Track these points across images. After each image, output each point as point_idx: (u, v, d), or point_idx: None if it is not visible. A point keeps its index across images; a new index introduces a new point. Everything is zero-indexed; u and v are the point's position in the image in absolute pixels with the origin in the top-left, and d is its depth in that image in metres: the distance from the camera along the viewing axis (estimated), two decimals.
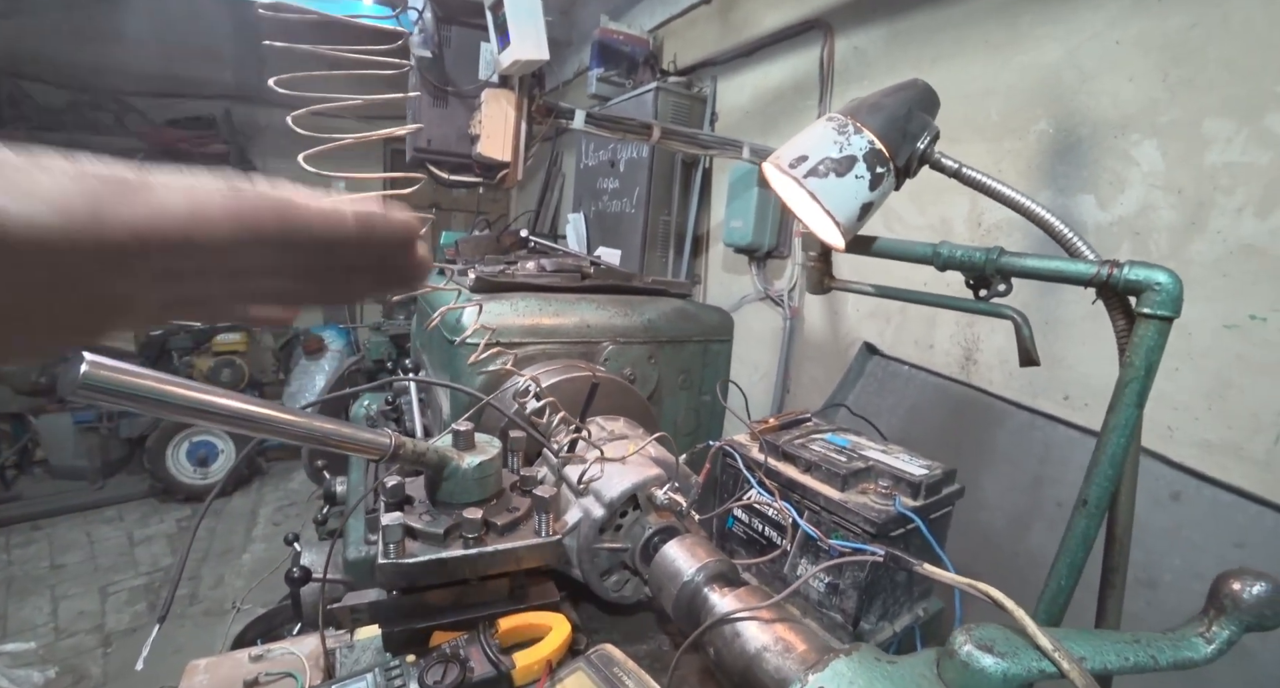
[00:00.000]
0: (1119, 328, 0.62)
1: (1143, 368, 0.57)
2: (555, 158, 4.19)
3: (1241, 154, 1.21)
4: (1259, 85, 1.18)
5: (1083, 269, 0.61)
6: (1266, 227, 1.18)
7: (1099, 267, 0.59)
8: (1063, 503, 1.42)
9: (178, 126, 4.48)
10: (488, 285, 1.25)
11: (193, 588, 2.74)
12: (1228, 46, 1.21)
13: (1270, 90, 1.16)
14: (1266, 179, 1.17)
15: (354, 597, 0.59)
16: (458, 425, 0.65)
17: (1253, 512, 1.15)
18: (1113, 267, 0.58)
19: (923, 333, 1.84)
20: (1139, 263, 0.58)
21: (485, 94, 1.43)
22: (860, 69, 2.01)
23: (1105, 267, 0.59)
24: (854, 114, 0.68)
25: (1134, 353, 0.57)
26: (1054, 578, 0.64)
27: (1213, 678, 0.99)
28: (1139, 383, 0.57)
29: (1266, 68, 1.16)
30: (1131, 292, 0.58)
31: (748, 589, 0.60)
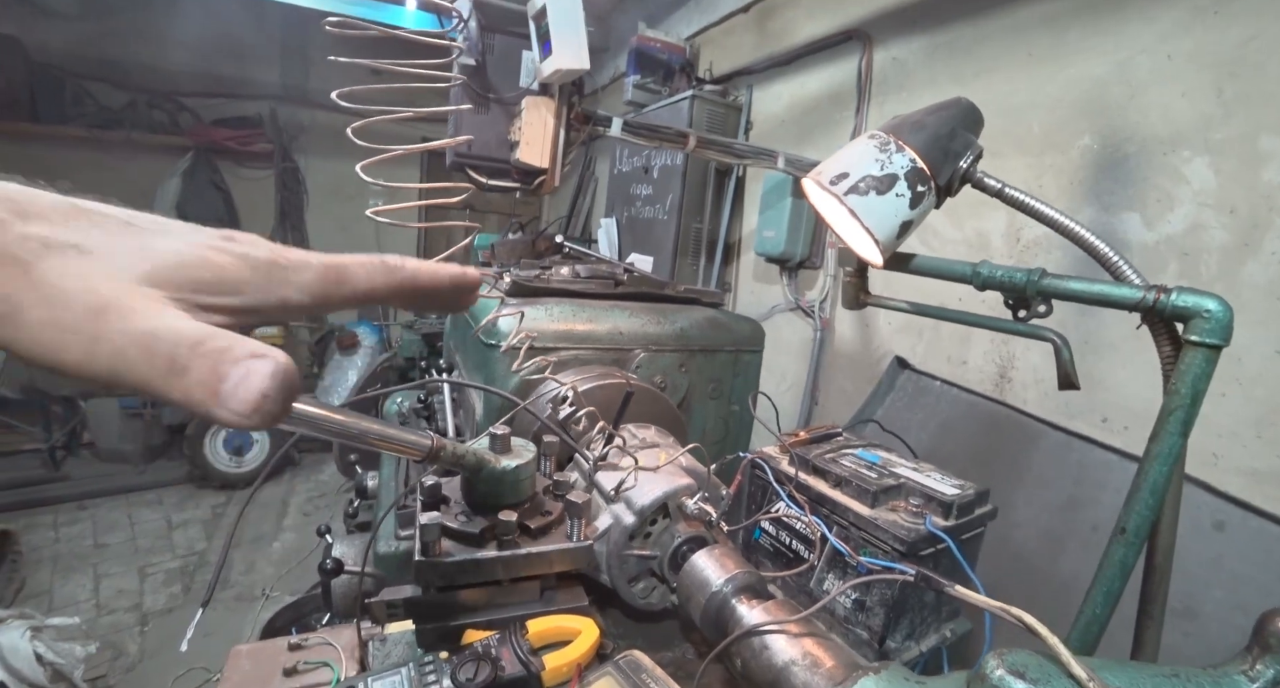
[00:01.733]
0: (1164, 354, 0.61)
1: (1189, 397, 0.56)
2: (589, 162, 4.24)
3: None
4: None
5: (1128, 294, 0.60)
6: None
7: (1145, 291, 0.58)
8: (1098, 527, 1.38)
9: (225, 126, 4.65)
10: (523, 290, 1.27)
11: (225, 573, 2.83)
12: None
13: None
14: None
15: (390, 592, 0.61)
16: (495, 429, 0.67)
17: None
18: (1160, 292, 0.57)
19: (956, 349, 1.82)
20: (1187, 289, 0.57)
21: (526, 101, 1.46)
22: (899, 80, 1.99)
23: (1152, 292, 0.58)
24: (896, 132, 0.68)
25: (1180, 381, 0.56)
26: (1089, 606, 0.63)
27: None
28: (1184, 412, 0.56)
29: None
30: (1179, 318, 0.57)
31: (776, 602, 0.61)
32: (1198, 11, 1.30)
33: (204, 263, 0.29)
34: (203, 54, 4.46)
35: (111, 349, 0.24)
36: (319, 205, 5.06)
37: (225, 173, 4.68)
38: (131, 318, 0.25)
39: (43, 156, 4.12)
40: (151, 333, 0.25)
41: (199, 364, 0.24)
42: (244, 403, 0.24)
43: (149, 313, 0.25)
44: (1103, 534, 1.39)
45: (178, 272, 0.27)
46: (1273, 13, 1.20)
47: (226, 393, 0.24)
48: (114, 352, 0.24)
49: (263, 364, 0.25)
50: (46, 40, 4.06)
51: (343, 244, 5.12)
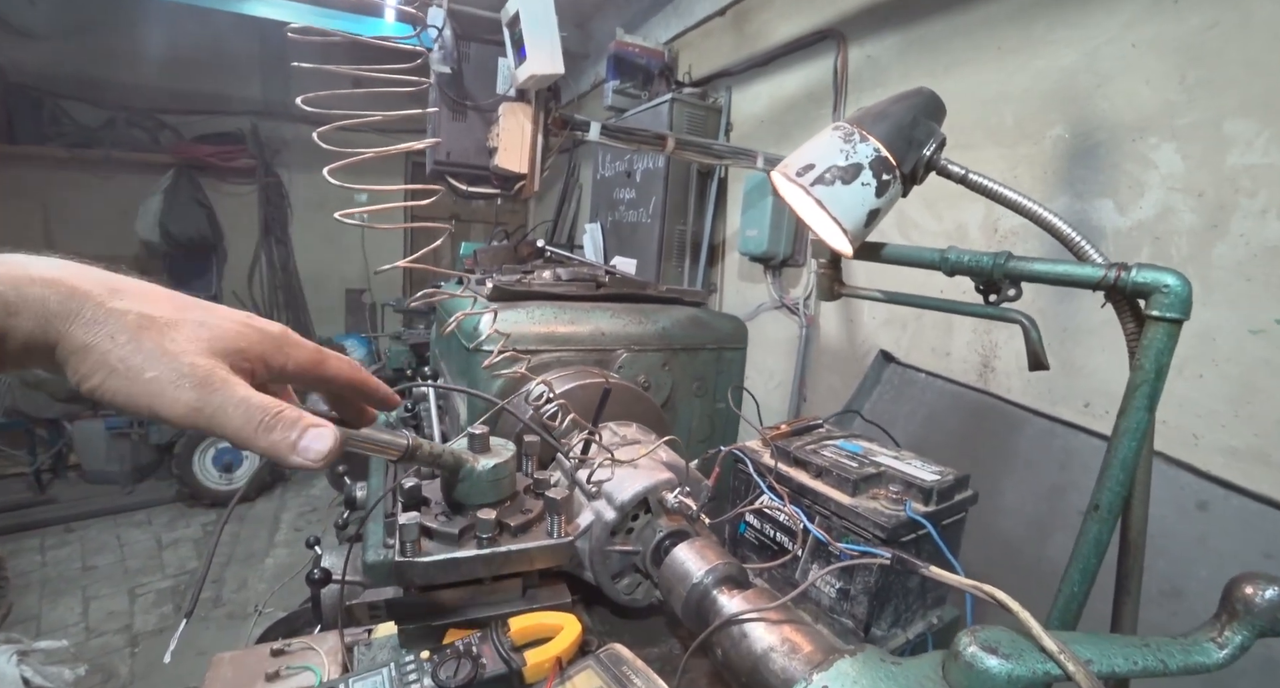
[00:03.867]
0: (1128, 331, 0.62)
1: (1153, 371, 0.57)
2: (572, 169, 4.25)
3: (1263, 156, 1.19)
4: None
5: (1090, 272, 0.61)
6: None
7: (1106, 270, 0.59)
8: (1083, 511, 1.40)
9: (206, 142, 4.62)
10: (504, 294, 1.28)
11: (216, 591, 2.80)
12: (1249, 46, 1.20)
13: None
14: None
15: (372, 594, 0.61)
16: (473, 429, 0.67)
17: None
18: (1120, 269, 0.58)
19: (939, 340, 1.83)
20: (1147, 266, 0.58)
21: (503, 108, 1.47)
22: (874, 76, 2.01)
23: (1113, 270, 0.59)
24: (860, 122, 0.69)
25: (1144, 356, 0.57)
26: (1066, 584, 0.64)
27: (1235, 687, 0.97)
28: (1149, 386, 0.57)
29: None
30: (1140, 295, 0.58)
31: (756, 591, 0.61)
32: (1157, 0, 1.33)
33: (241, 337, 0.38)
34: (182, 71, 4.44)
35: (216, 408, 0.34)
36: (303, 219, 5.04)
37: (208, 189, 4.65)
38: (228, 386, 0.35)
39: (21, 177, 4.08)
40: (246, 400, 0.35)
41: (281, 426, 0.36)
42: (317, 454, 0.37)
43: (235, 382, 0.36)
44: None
45: (228, 344, 0.37)
46: (1230, 1, 1.23)
47: (302, 448, 0.37)
48: (218, 410, 0.35)
49: (326, 432, 0.38)
50: (21, 60, 4.03)
51: (327, 256, 5.10)
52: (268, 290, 4.99)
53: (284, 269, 5.00)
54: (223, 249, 4.78)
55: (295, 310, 5.07)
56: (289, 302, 5.05)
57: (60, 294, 0.32)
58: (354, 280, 5.25)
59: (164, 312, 0.35)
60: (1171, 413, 1.30)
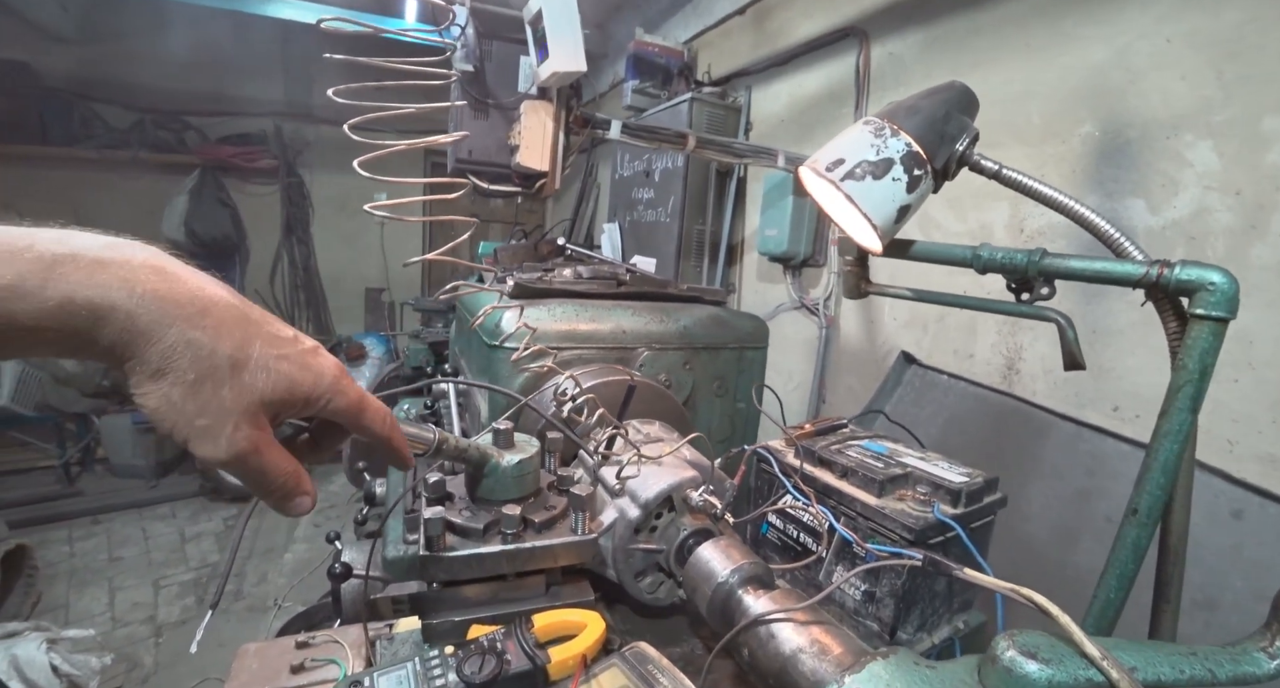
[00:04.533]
0: (1170, 330, 0.60)
1: (1197, 371, 0.55)
2: (590, 169, 4.25)
3: None
4: None
5: (1131, 270, 0.59)
6: None
7: (1148, 267, 0.58)
8: (1112, 518, 1.36)
9: (230, 143, 4.71)
10: (526, 291, 1.28)
11: (237, 584, 2.84)
12: None
13: None
14: None
15: (396, 588, 0.61)
16: (498, 424, 0.67)
17: None
18: (1163, 267, 0.57)
19: (962, 342, 1.80)
20: (1191, 262, 0.56)
21: (524, 106, 1.47)
22: (896, 75, 1.99)
23: (1155, 267, 0.57)
24: (891, 117, 0.67)
25: (1187, 356, 0.55)
26: (1103, 589, 0.62)
27: None
28: (1193, 387, 0.55)
29: None
30: (1183, 292, 0.57)
31: (783, 592, 0.60)
32: None
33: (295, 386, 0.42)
34: (207, 73, 4.52)
35: (242, 471, 0.40)
36: (324, 219, 5.10)
37: (231, 189, 4.73)
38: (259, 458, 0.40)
39: (53, 178, 4.19)
40: (267, 471, 0.41)
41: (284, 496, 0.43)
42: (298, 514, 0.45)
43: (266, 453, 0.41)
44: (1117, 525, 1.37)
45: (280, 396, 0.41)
46: None
47: (289, 508, 0.44)
48: (242, 473, 0.40)
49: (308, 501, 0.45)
50: (55, 65, 4.13)
51: (347, 255, 5.17)
52: (289, 289, 5.07)
53: (305, 268, 5.07)
54: (246, 248, 4.86)
55: (316, 309, 5.14)
56: (310, 300, 5.12)
57: (151, 314, 0.35)
58: (373, 279, 5.30)
59: (234, 347, 0.38)
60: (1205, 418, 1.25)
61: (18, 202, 0.68)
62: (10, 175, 4.05)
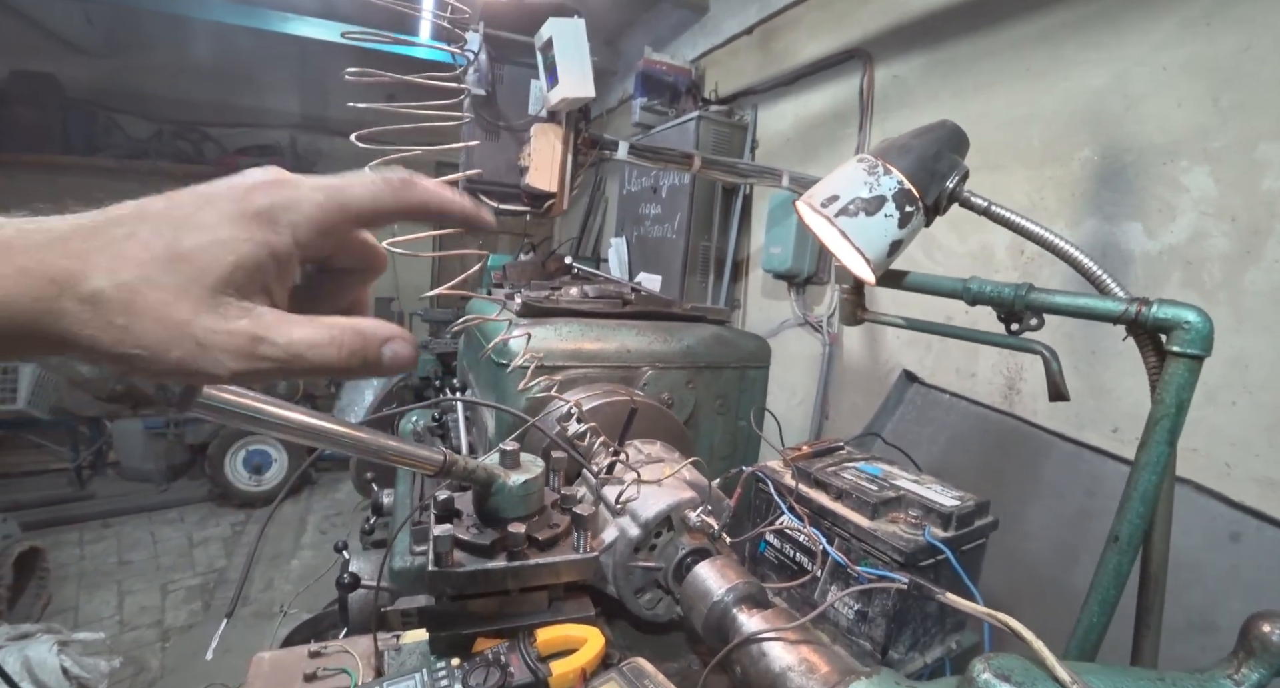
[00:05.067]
0: (1150, 364, 0.62)
1: (1173, 406, 0.57)
2: (598, 183, 4.31)
3: None
4: None
5: (1111, 307, 0.61)
6: None
7: (1127, 304, 0.60)
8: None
9: (247, 154, 4.80)
10: (533, 310, 1.31)
11: (244, 590, 2.87)
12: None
13: None
14: None
15: (405, 602, 0.64)
16: (505, 445, 0.70)
17: None
18: (1141, 305, 0.59)
19: (964, 362, 1.82)
20: (1167, 301, 0.58)
21: (534, 128, 1.51)
22: (900, 96, 2.02)
23: (1134, 304, 0.60)
24: (884, 155, 0.71)
25: (1164, 391, 0.58)
26: (1086, 615, 0.64)
27: None
28: (1169, 420, 0.58)
29: None
30: (1161, 329, 0.59)
31: (775, 611, 0.63)
32: (1190, 23, 1.32)
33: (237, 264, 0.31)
34: (225, 85, 4.63)
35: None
36: None
37: None
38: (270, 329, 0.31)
39: (73, 186, 4.29)
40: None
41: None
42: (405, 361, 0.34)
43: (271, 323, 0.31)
44: None
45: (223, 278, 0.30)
46: (1264, 22, 1.22)
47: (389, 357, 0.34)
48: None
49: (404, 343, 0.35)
50: (78, 76, 4.25)
51: None
52: None
53: None
54: None
55: None
56: None
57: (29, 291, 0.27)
58: (383, 289, 5.38)
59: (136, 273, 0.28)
60: (1203, 441, 1.28)
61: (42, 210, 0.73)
62: (33, 182, 4.16)
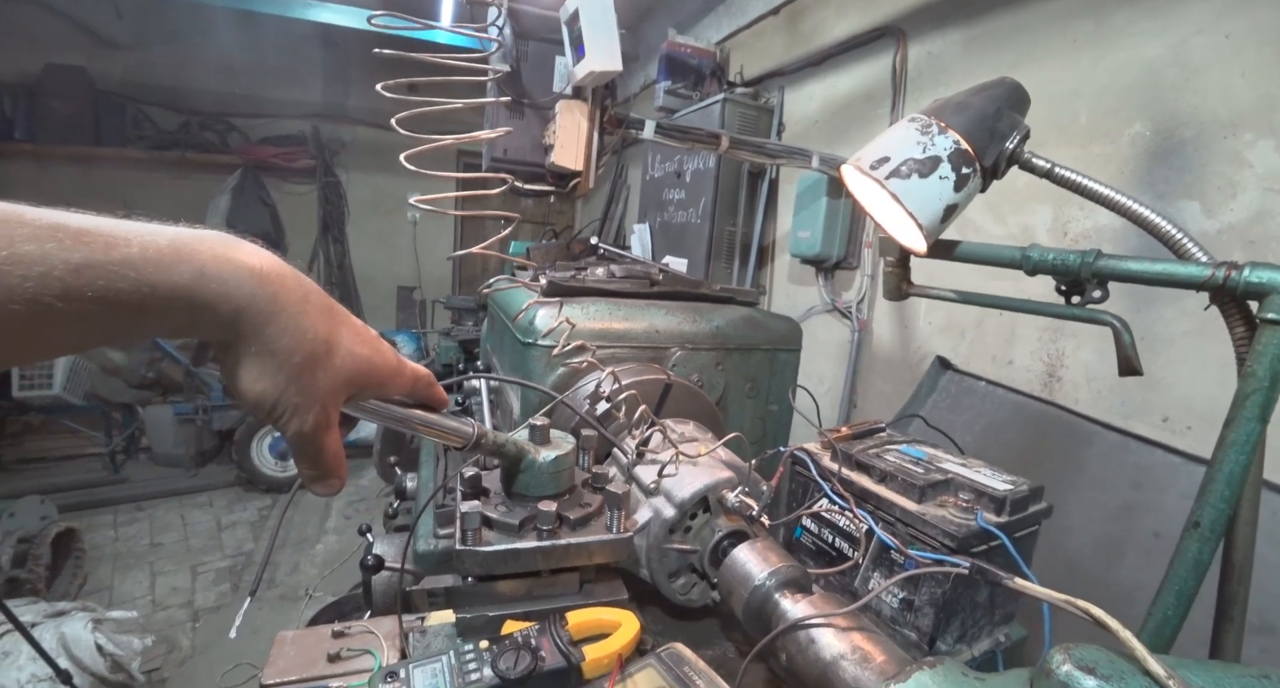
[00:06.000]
0: (1237, 336, 0.57)
1: (1267, 379, 0.52)
2: (621, 170, 4.27)
3: None
4: None
5: (1195, 272, 0.56)
6: None
7: (1214, 269, 0.55)
8: (1160, 534, 1.31)
9: (271, 143, 4.84)
10: (559, 289, 1.28)
11: (270, 573, 2.91)
12: None
13: None
14: None
15: (431, 581, 0.62)
16: (535, 420, 0.67)
17: None
18: (1230, 268, 0.54)
19: (1001, 348, 1.75)
20: (1262, 264, 0.53)
21: (560, 105, 1.48)
22: (935, 75, 1.95)
23: (1221, 269, 0.54)
24: (938, 114, 0.66)
25: (1256, 363, 0.53)
26: (1159, 606, 0.59)
27: None
28: (1262, 395, 0.52)
29: None
30: (1252, 296, 0.54)
31: (821, 596, 0.59)
32: None
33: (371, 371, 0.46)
34: (249, 76, 4.67)
35: (302, 446, 0.43)
36: (359, 218, 5.22)
37: (271, 188, 4.87)
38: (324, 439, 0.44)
39: (105, 177, 4.37)
40: (322, 453, 0.44)
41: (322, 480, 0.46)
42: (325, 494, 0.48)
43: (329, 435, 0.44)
44: (1166, 541, 1.31)
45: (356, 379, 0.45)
46: None
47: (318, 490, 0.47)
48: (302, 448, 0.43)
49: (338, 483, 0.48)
50: (108, 69, 4.31)
51: (381, 254, 5.27)
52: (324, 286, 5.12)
53: (340, 266, 5.19)
54: (284, 246, 4.99)
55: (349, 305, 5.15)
56: (344, 297, 5.24)
57: (266, 295, 0.37)
58: (405, 278, 5.41)
59: (327, 332, 0.41)
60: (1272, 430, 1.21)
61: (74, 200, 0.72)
62: (66, 174, 4.24)
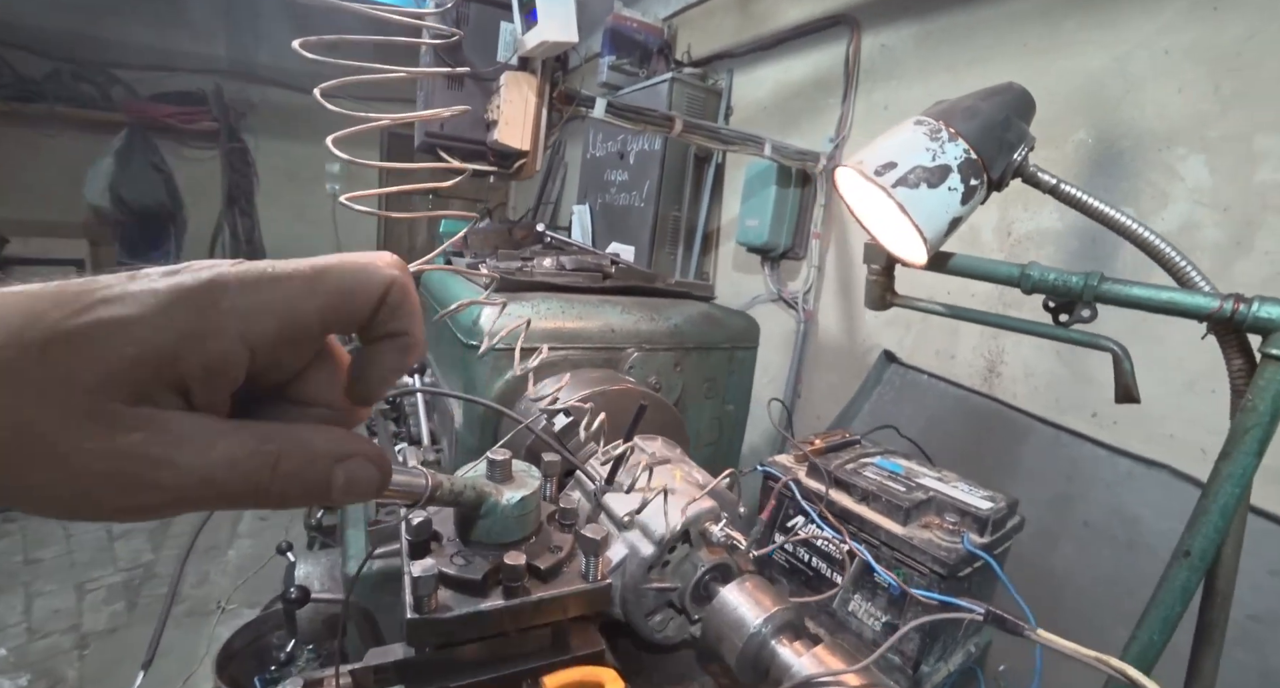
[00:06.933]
0: (1234, 368, 0.56)
1: (1267, 414, 0.51)
2: (558, 147, 4.09)
3: None
4: None
5: (1203, 303, 0.55)
6: None
7: (1221, 301, 0.53)
8: (1089, 523, 1.38)
9: (165, 101, 4.31)
10: (506, 284, 1.18)
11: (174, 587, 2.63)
12: None
13: None
14: None
15: (377, 655, 0.52)
16: (493, 454, 0.57)
17: None
18: (1238, 302, 0.53)
19: (944, 343, 1.79)
20: (1269, 299, 0.52)
21: (505, 77, 1.35)
22: (888, 68, 1.94)
23: (1229, 301, 0.53)
24: (947, 119, 0.61)
25: (1258, 398, 0.52)
26: (1144, 631, 0.59)
27: None
28: (1261, 430, 0.52)
29: None
30: (1256, 330, 0.53)
31: (826, 646, 0.54)
32: (1197, 6, 1.28)
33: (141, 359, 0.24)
34: (137, 22, 4.11)
35: None
36: (271, 189, 4.76)
37: (166, 153, 4.34)
38: None
39: None
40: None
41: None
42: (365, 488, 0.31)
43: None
44: (1094, 530, 1.38)
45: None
46: (1272, 10, 1.19)
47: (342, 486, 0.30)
48: None
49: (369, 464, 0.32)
50: None
51: (297, 229, 4.85)
52: None
53: (249, 242, 4.73)
54: (182, 218, 4.49)
55: None
56: None
57: None
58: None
59: None
60: (1180, 428, 1.29)
61: None
62: None
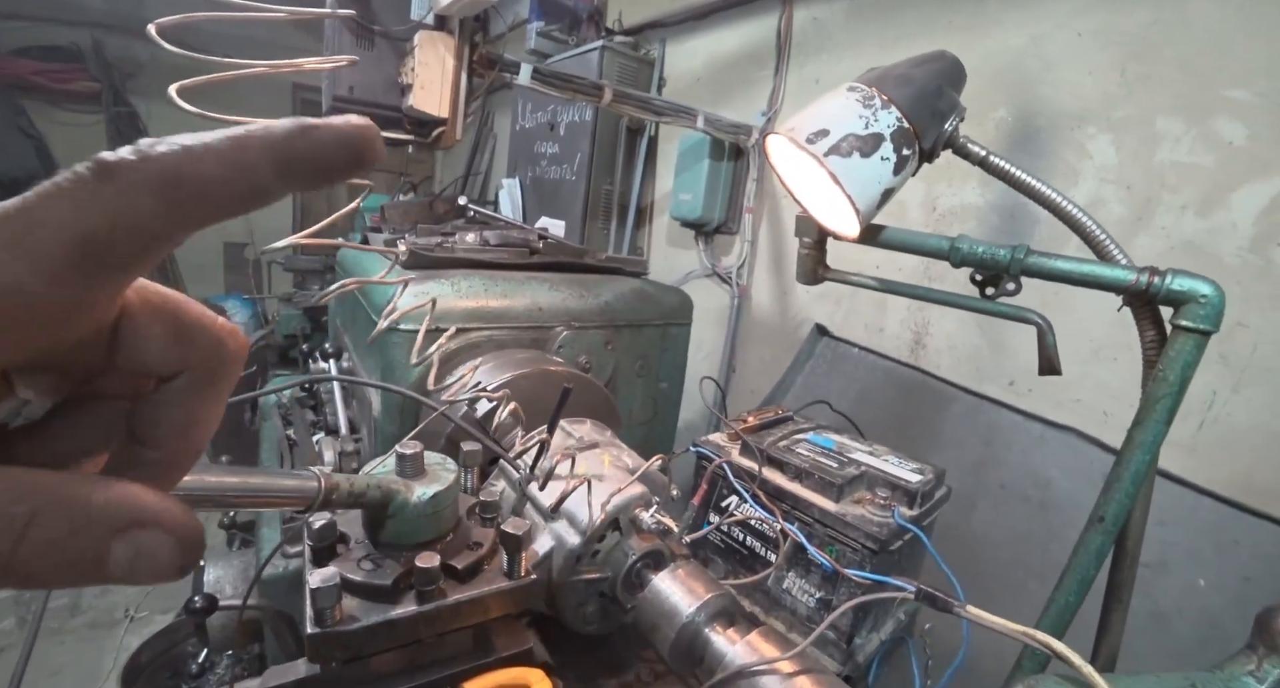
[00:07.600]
0: (1147, 339, 0.58)
1: (1177, 384, 0.53)
2: (486, 117, 3.91)
3: (1188, 154, 1.23)
4: (1210, 87, 1.19)
5: (1120, 275, 0.56)
6: (1205, 226, 1.21)
7: (1138, 274, 0.55)
8: (1005, 485, 1.46)
9: (32, 57, 3.81)
10: (424, 260, 1.10)
11: (74, 597, 2.39)
12: (1184, 46, 1.22)
13: (1220, 94, 1.18)
14: (1209, 180, 1.20)
15: (276, 674, 0.46)
16: (402, 448, 0.52)
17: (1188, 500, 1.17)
18: (1153, 275, 0.54)
19: (873, 316, 1.84)
20: (1182, 272, 0.53)
21: (419, 37, 1.24)
22: (820, 42, 1.93)
23: (1145, 274, 0.54)
24: (879, 85, 0.59)
25: (1169, 368, 0.53)
26: (1061, 594, 0.61)
27: None
28: (1171, 400, 0.54)
29: (1220, 70, 1.18)
30: (1171, 302, 0.54)
31: (761, 632, 0.53)
32: None
33: None
34: None
35: None
36: None
37: (35, 115, 3.86)
38: None
39: None
40: None
41: None
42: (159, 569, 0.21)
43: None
44: (1010, 492, 1.46)
45: None
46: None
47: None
48: None
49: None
50: None
51: None
52: None
53: None
54: None
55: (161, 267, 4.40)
56: None
57: None
58: (233, 232, 4.60)
59: None
60: (1087, 393, 1.37)
61: None
62: None
